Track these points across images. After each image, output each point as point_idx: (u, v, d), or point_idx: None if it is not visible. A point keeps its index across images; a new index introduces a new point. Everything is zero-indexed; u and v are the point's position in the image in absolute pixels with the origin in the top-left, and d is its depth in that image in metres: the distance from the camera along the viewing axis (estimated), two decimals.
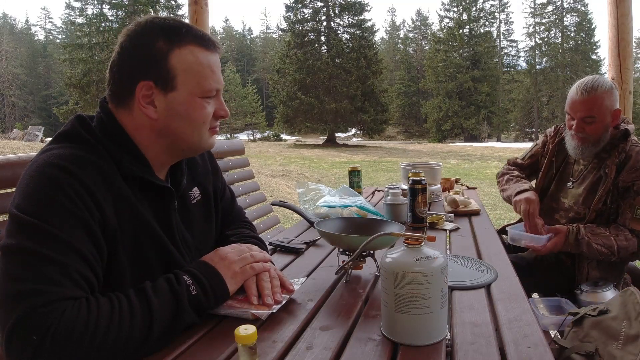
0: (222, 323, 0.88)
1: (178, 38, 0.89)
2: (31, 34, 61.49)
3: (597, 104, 1.75)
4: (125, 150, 0.90)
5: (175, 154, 0.98)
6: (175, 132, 0.92)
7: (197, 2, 3.55)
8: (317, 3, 33.43)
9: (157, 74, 0.88)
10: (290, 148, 24.85)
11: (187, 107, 0.90)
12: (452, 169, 12.44)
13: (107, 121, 0.91)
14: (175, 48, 0.88)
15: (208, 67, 0.92)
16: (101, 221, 0.81)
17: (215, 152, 2.45)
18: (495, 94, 39.07)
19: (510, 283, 1.10)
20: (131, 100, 0.90)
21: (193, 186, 1.09)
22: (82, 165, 0.82)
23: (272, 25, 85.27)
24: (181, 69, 0.89)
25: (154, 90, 0.88)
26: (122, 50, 0.89)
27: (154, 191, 0.94)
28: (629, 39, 3.18)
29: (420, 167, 2.21)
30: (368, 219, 1.45)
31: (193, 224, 1.06)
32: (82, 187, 0.79)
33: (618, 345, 1.20)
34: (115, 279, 0.85)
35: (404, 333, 0.80)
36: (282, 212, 4.56)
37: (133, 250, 0.88)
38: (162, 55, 0.88)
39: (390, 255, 0.82)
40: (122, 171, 0.88)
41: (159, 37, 0.88)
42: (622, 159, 1.77)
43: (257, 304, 0.91)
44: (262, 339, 0.81)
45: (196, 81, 0.90)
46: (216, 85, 0.94)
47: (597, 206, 1.80)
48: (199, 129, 0.94)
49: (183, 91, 0.89)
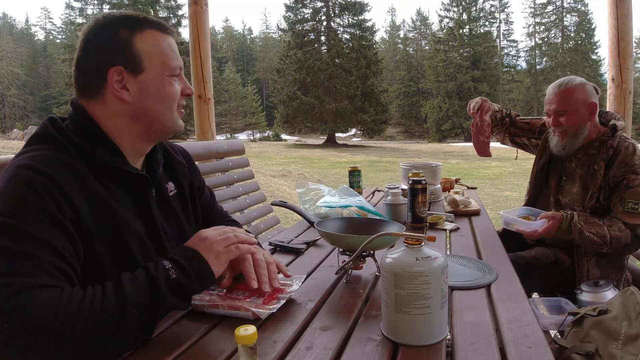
0: (222, 323, 0.89)
1: (137, 24, 0.95)
2: (31, 34, 61.48)
3: (567, 96, 1.83)
4: (97, 143, 0.93)
5: (149, 138, 1.01)
6: (149, 113, 0.97)
7: (197, 2, 3.55)
8: (317, 3, 33.41)
9: (125, 59, 0.93)
10: (290, 148, 24.85)
11: (158, 86, 0.96)
12: (452, 169, 12.44)
13: (79, 117, 0.95)
14: (137, 33, 0.95)
15: (169, 48, 0.99)
16: (74, 219, 0.83)
17: (216, 152, 2.45)
18: (495, 94, 39.03)
19: (510, 283, 1.10)
20: (103, 89, 0.94)
21: (168, 180, 1.12)
22: (53, 165, 0.84)
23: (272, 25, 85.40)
24: (146, 51, 0.95)
25: (124, 74, 0.93)
26: (86, 45, 0.94)
27: (131, 181, 0.97)
28: (629, 39, 3.18)
29: (420, 167, 2.21)
30: (368, 219, 1.45)
31: (172, 216, 1.08)
32: (54, 186, 0.82)
33: (618, 345, 1.20)
34: (95, 274, 0.85)
35: (404, 333, 0.80)
36: (282, 212, 4.56)
37: (114, 246, 0.89)
38: (127, 41, 0.93)
39: (390, 255, 0.82)
40: (96, 165, 0.90)
41: (119, 26, 0.94)
42: (610, 154, 1.79)
43: (258, 303, 0.91)
44: (262, 339, 0.81)
45: (161, 61, 0.97)
46: (179, 64, 1.01)
47: (591, 203, 1.81)
48: (171, 107, 0.99)
49: (152, 71, 0.95)
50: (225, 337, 0.82)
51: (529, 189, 2.12)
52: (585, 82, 1.85)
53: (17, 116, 46.63)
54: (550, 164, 2.04)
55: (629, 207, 1.71)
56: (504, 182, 9.96)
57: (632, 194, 1.71)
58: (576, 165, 1.93)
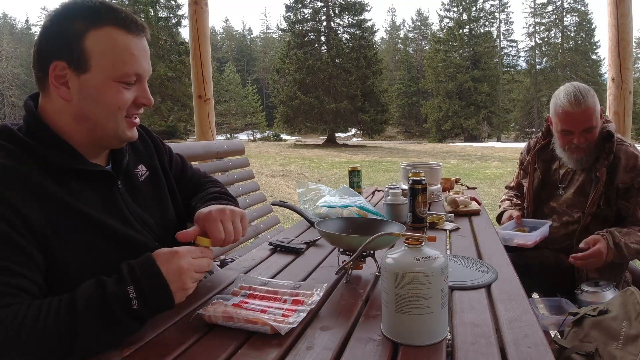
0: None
1: (96, 20, 0.88)
2: (31, 34, 61.42)
3: (591, 111, 1.74)
4: (51, 145, 0.88)
5: (99, 142, 0.95)
6: (89, 117, 0.90)
7: (197, 2, 3.55)
8: (317, 3, 33.40)
9: (70, 55, 0.87)
10: (290, 148, 24.84)
11: (100, 90, 0.89)
12: (452, 169, 12.43)
13: (31, 120, 0.90)
14: (91, 29, 0.87)
15: (127, 50, 0.90)
16: (26, 229, 0.79)
17: (215, 152, 2.45)
18: (495, 94, 39.06)
19: (510, 283, 1.10)
20: (46, 82, 0.89)
21: (137, 164, 1.08)
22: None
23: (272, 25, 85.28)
24: (96, 51, 0.87)
25: (67, 70, 0.87)
26: (43, 31, 0.89)
27: (93, 178, 0.93)
28: (629, 39, 3.18)
29: (420, 167, 2.21)
30: (368, 219, 1.45)
31: (147, 202, 1.05)
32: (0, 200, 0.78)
33: (618, 346, 1.20)
34: (62, 281, 0.84)
35: (405, 333, 0.80)
36: (282, 212, 4.56)
37: (81, 247, 0.86)
38: (77, 36, 0.87)
39: (390, 255, 0.82)
40: (49, 167, 0.86)
41: (78, 18, 0.88)
42: (610, 160, 1.77)
43: (277, 317, 0.87)
44: (262, 339, 0.81)
45: (111, 64, 0.88)
46: (136, 70, 0.91)
47: (592, 210, 1.80)
48: (114, 115, 0.91)
49: (97, 73, 0.88)
50: (225, 338, 0.82)
51: (527, 207, 2.12)
52: (590, 88, 1.80)
53: (17, 116, 46.61)
54: (543, 183, 2.04)
55: None
56: (504, 182, 9.93)
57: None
58: (571, 169, 1.93)
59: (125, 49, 0.89)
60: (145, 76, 0.95)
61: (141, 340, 0.81)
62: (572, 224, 1.91)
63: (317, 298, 0.96)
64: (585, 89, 1.77)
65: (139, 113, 0.97)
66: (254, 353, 0.77)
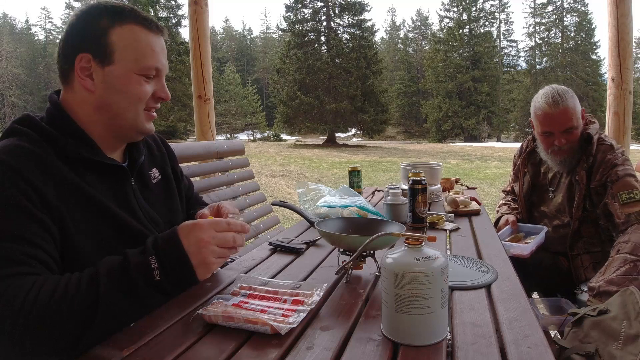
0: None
1: (120, 17, 0.95)
2: (31, 34, 61.42)
3: (571, 111, 1.73)
4: (70, 135, 0.93)
5: (116, 134, 1.00)
6: (111, 107, 0.95)
7: (197, 2, 3.55)
8: (317, 3, 33.40)
9: (95, 48, 0.93)
10: (290, 148, 24.84)
11: (123, 82, 0.95)
12: (452, 169, 12.43)
13: (53, 111, 0.96)
14: (116, 25, 0.94)
15: (148, 46, 0.96)
16: (41, 203, 0.83)
17: (216, 152, 2.45)
18: (495, 94, 39.06)
19: (510, 283, 1.10)
20: (71, 75, 0.95)
21: (152, 167, 1.12)
22: (16, 155, 0.84)
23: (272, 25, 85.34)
24: (120, 45, 0.94)
25: (92, 63, 0.93)
26: (69, 27, 0.95)
27: (108, 172, 0.96)
28: (629, 39, 3.18)
29: (420, 167, 2.21)
30: (368, 219, 1.45)
31: (158, 202, 1.08)
32: (12, 171, 0.82)
33: (618, 346, 1.20)
34: (74, 256, 0.86)
35: (405, 333, 0.80)
36: (282, 212, 4.56)
37: (87, 229, 0.89)
38: (103, 31, 0.93)
39: (390, 255, 0.82)
40: (68, 156, 0.90)
41: (103, 15, 0.94)
42: (590, 162, 1.76)
43: (277, 317, 0.86)
44: (262, 339, 0.81)
45: (134, 57, 0.95)
46: (156, 64, 0.98)
47: (578, 214, 1.80)
48: (135, 106, 0.97)
49: (120, 66, 0.94)
50: (225, 337, 0.82)
51: (520, 213, 2.13)
52: (568, 89, 1.79)
53: (17, 116, 46.52)
54: (534, 186, 2.04)
55: (624, 199, 1.65)
56: (503, 182, 9.94)
57: (620, 186, 1.67)
58: (559, 173, 1.93)
59: (147, 45, 0.96)
60: (163, 72, 1.01)
61: (141, 340, 0.81)
62: (563, 227, 1.91)
63: (317, 298, 0.96)
64: (563, 90, 1.76)
65: (156, 107, 1.02)
66: (254, 353, 0.77)
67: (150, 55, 0.97)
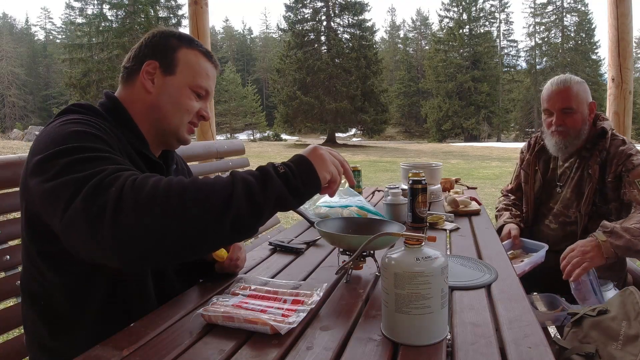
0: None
1: (189, 43, 1.11)
2: (31, 34, 61.47)
3: (574, 94, 1.78)
4: (124, 126, 1.04)
5: (160, 135, 1.11)
6: (161, 110, 1.07)
7: (197, 2, 3.55)
8: (317, 3, 33.39)
9: (164, 59, 1.07)
10: (290, 148, 24.84)
11: (178, 92, 1.08)
12: (452, 169, 12.43)
13: (109, 104, 1.07)
14: (184, 47, 1.09)
15: (204, 70, 1.11)
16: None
17: (216, 152, 2.45)
18: (495, 94, 39.06)
19: (510, 283, 1.10)
20: (136, 75, 1.07)
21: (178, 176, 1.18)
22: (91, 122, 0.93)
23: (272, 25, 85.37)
24: (184, 62, 1.08)
25: (157, 70, 1.07)
26: (144, 40, 1.11)
27: (151, 167, 1.05)
28: (629, 39, 3.18)
29: (420, 167, 2.21)
30: (368, 219, 1.45)
31: None
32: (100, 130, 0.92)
33: (618, 346, 1.20)
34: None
35: (405, 333, 0.80)
36: (282, 212, 4.55)
37: None
38: (173, 48, 1.08)
39: (390, 255, 0.82)
40: (121, 145, 0.98)
41: (174, 37, 1.10)
42: (603, 157, 1.78)
43: (277, 317, 0.87)
44: (262, 339, 0.81)
45: (192, 75, 1.09)
46: (207, 86, 1.12)
47: (587, 209, 1.79)
48: (181, 115, 1.09)
49: (180, 78, 1.08)
50: (225, 337, 0.82)
51: (526, 212, 2.09)
52: (582, 81, 1.84)
53: (17, 116, 46.61)
54: (544, 185, 2.03)
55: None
56: (504, 182, 9.94)
57: (637, 173, 1.68)
58: (569, 168, 1.92)
59: (204, 69, 1.11)
60: (211, 95, 1.15)
61: (141, 340, 0.82)
62: (570, 224, 1.91)
63: (317, 298, 0.96)
64: (574, 77, 1.83)
65: (196, 124, 1.14)
66: (254, 353, 0.77)
67: (205, 78, 1.11)
